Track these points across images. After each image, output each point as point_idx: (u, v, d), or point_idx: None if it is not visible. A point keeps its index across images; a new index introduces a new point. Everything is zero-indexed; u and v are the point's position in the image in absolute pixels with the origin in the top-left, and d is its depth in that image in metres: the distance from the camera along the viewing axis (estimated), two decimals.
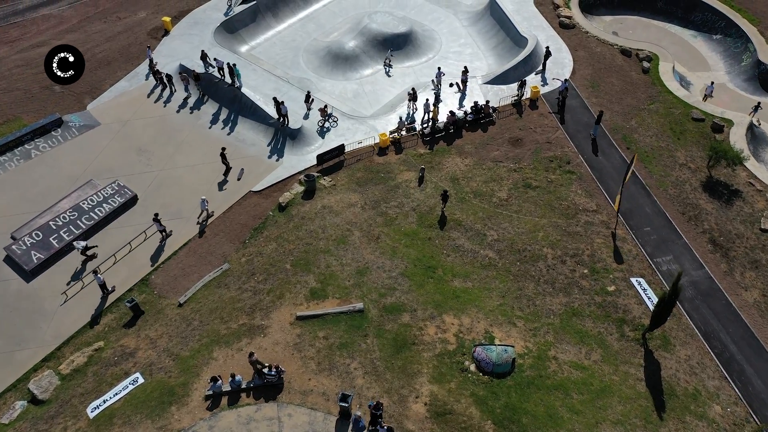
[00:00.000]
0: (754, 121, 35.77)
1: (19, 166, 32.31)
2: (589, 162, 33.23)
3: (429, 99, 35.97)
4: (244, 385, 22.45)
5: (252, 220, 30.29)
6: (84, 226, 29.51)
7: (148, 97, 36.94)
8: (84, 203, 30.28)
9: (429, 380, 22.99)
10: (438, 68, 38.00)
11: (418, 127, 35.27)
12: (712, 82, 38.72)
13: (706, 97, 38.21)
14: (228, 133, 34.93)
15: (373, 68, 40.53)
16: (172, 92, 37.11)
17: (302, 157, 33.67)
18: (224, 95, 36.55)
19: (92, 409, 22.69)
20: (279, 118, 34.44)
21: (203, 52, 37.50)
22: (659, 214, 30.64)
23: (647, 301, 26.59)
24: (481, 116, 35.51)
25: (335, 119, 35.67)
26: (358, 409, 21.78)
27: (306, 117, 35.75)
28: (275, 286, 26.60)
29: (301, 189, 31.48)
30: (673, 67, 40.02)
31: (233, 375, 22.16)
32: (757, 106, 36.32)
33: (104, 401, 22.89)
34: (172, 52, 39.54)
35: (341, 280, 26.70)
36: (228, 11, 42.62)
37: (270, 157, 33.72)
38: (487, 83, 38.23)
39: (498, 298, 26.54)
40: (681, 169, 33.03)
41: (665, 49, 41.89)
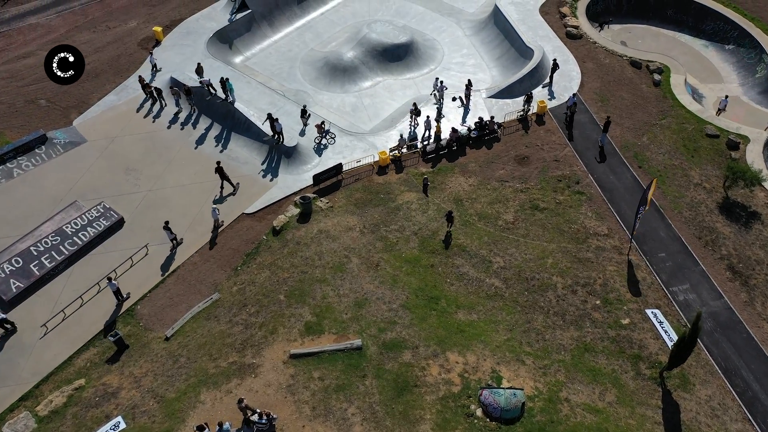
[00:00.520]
0: None
1: (0, 187, 30.72)
2: (600, 182, 31.62)
3: (430, 115, 34.39)
4: None
5: (244, 245, 28.68)
6: (67, 252, 27.88)
7: (137, 111, 35.28)
8: (67, 227, 28.67)
9: (432, 427, 21.32)
10: (436, 78, 36.33)
11: (420, 145, 33.67)
12: (726, 96, 37.12)
13: (720, 111, 36.66)
14: (221, 151, 33.28)
15: (373, 80, 38.87)
16: (162, 107, 35.44)
17: (298, 177, 32.07)
18: (217, 111, 34.88)
19: None
20: (274, 135, 32.83)
21: (199, 65, 35.73)
22: (674, 239, 29.03)
23: (664, 335, 25.00)
24: (485, 132, 33.91)
25: (333, 135, 34.04)
26: None
27: (302, 134, 34.11)
28: (268, 319, 24.98)
29: (296, 211, 29.86)
30: (685, 79, 38.40)
31: (221, 423, 20.47)
32: None
33: None
34: (163, 64, 37.83)
35: (338, 313, 25.07)
36: (232, 11, 40.95)
37: (264, 176, 32.10)
38: (491, 97, 36.61)
39: (505, 332, 24.93)
40: (696, 189, 31.44)
41: (676, 60, 40.26)
